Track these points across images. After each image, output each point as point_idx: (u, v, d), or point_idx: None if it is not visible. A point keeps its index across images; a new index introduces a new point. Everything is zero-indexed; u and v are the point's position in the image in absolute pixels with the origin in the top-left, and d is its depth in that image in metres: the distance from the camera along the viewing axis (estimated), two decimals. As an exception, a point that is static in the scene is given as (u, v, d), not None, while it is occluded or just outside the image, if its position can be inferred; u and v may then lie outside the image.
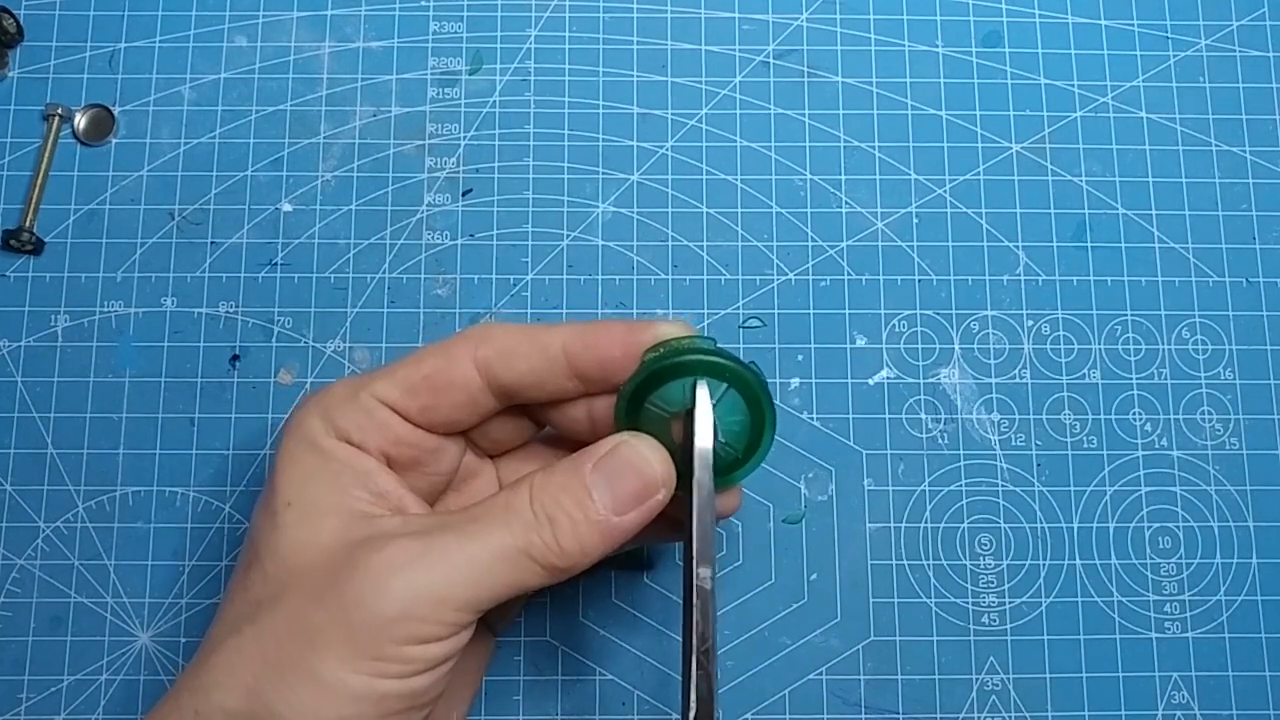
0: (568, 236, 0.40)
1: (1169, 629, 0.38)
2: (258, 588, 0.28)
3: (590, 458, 0.29)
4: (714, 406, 0.29)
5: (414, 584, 0.27)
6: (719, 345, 0.30)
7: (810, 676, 0.37)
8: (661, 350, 0.30)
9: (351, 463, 0.29)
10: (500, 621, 0.35)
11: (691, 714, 0.27)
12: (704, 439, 0.29)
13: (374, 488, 0.29)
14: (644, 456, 0.29)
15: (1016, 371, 0.39)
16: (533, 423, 0.33)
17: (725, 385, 0.30)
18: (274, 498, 0.29)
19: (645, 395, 0.30)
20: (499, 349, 0.30)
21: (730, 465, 0.30)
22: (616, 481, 0.29)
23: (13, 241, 0.39)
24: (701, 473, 0.29)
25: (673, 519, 0.31)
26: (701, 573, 0.28)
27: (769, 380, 0.39)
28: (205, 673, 0.27)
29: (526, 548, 0.28)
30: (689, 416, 0.29)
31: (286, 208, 0.40)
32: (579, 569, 0.28)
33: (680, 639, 0.28)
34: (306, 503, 0.29)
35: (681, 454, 0.30)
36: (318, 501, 0.29)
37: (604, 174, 0.41)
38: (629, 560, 0.38)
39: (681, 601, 0.29)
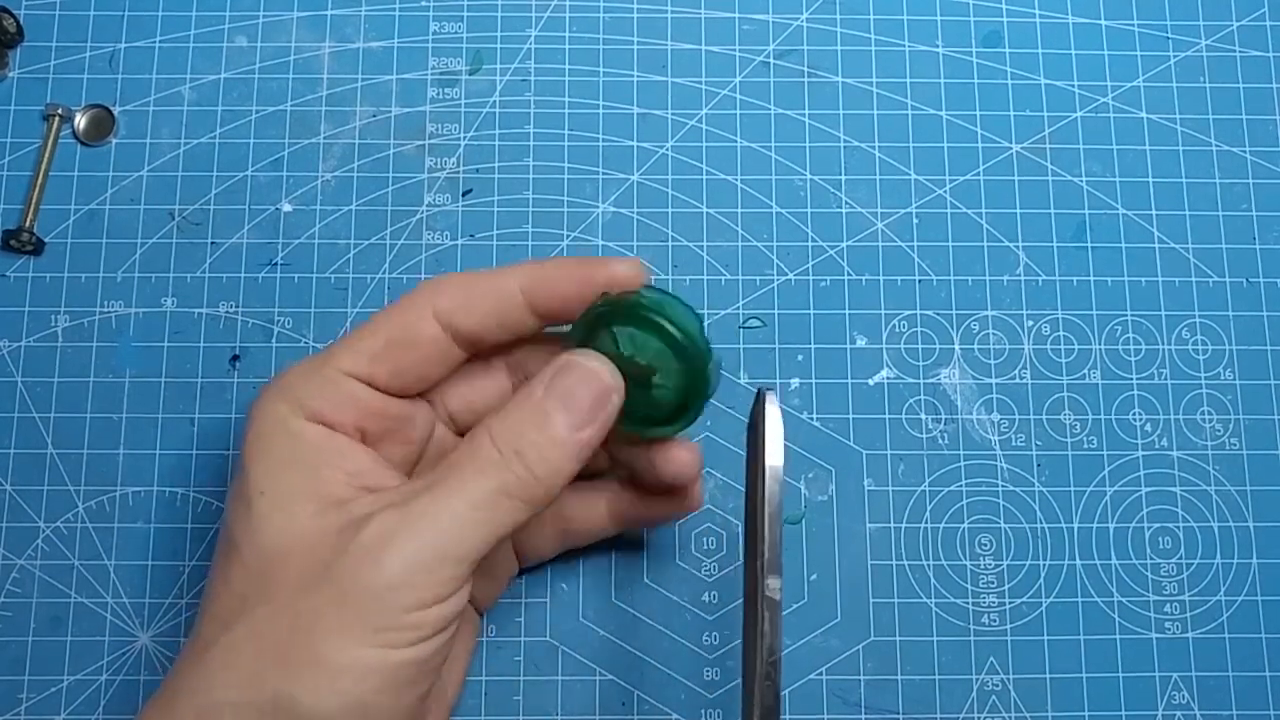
0: (568, 237, 0.40)
1: (1169, 629, 0.38)
2: (239, 581, 0.28)
3: (539, 383, 0.29)
4: (651, 359, 0.30)
5: (405, 551, 0.27)
6: (682, 302, 0.31)
7: (810, 676, 0.37)
8: (631, 296, 0.30)
9: (323, 444, 0.29)
10: (484, 602, 0.35)
11: None
12: (774, 445, 0.29)
13: (347, 467, 0.29)
14: (589, 367, 0.29)
15: (1016, 372, 0.39)
16: (508, 382, 0.33)
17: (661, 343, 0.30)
18: (246, 486, 0.29)
19: (603, 325, 0.30)
20: (456, 298, 0.30)
21: (669, 413, 0.31)
22: (569, 398, 0.29)
23: (13, 241, 0.39)
24: (771, 481, 0.28)
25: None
26: (770, 584, 0.28)
27: (770, 381, 0.39)
28: (201, 672, 0.27)
29: (502, 487, 0.28)
30: (755, 426, 0.29)
31: (286, 208, 0.40)
32: (555, 493, 0.29)
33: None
34: (280, 490, 0.29)
35: (632, 390, 0.30)
36: (291, 488, 0.29)
37: (604, 174, 0.41)
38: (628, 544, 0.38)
39: (743, 612, 0.29)
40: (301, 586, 0.27)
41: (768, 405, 0.29)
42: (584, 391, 0.29)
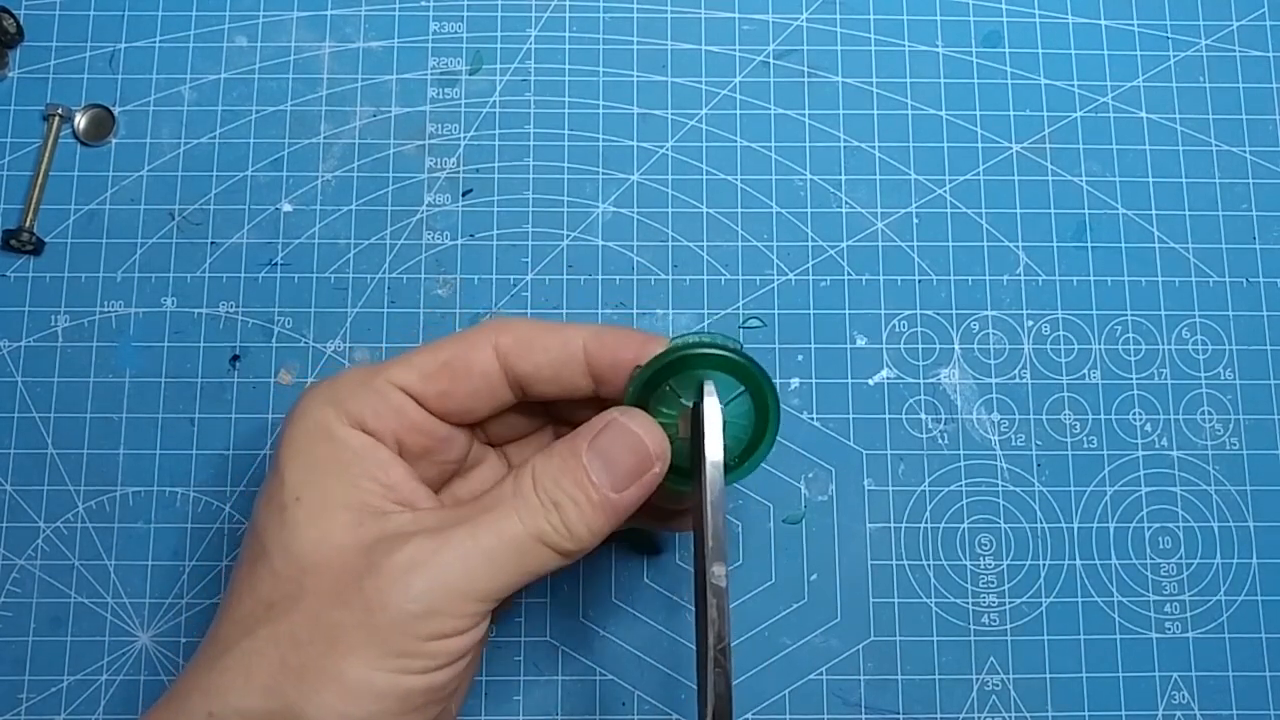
0: (568, 236, 0.40)
1: (1169, 629, 0.38)
2: (267, 587, 0.28)
3: (585, 436, 0.29)
4: (724, 406, 0.29)
5: (435, 581, 0.27)
6: (743, 348, 0.30)
7: (810, 677, 0.37)
8: (690, 339, 0.30)
9: (364, 453, 0.29)
10: (500, 610, 0.35)
11: (709, 712, 0.27)
12: (714, 436, 0.29)
13: (385, 479, 0.29)
14: (635, 432, 0.29)
15: (1016, 371, 0.39)
16: (546, 419, 0.33)
17: (741, 388, 0.30)
18: (281, 491, 0.29)
19: (661, 381, 0.30)
20: (519, 339, 0.30)
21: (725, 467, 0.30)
22: (611, 460, 0.29)
23: (13, 241, 0.39)
24: (712, 470, 0.29)
25: (667, 512, 0.32)
26: (716, 571, 0.28)
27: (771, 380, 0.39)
28: (218, 674, 0.27)
29: (539, 534, 0.28)
30: (696, 415, 0.29)
31: (286, 208, 0.40)
32: (588, 549, 0.29)
33: (693, 634, 0.28)
34: (316, 497, 0.28)
35: (688, 449, 0.30)
36: (328, 495, 0.28)
37: (604, 174, 0.41)
38: (639, 541, 0.38)
39: (694, 600, 0.29)
40: (330, 599, 0.27)
41: (706, 398, 0.29)
42: (625, 455, 0.29)
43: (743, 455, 0.31)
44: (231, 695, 0.27)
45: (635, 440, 0.29)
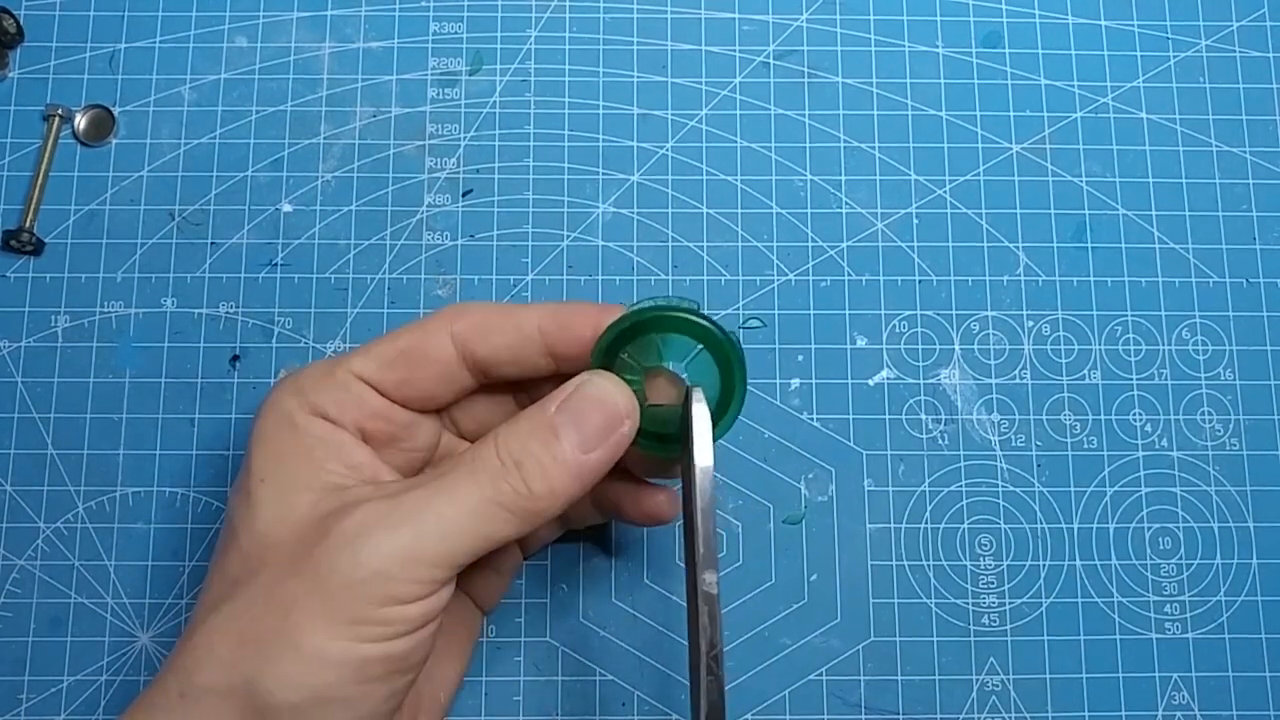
0: (568, 237, 0.40)
1: (1169, 629, 0.38)
2: (235, 567, 0.28)
3: (554, 400, 0.29)
4: (685, 366, 0.30)
5: (383, 544, 0.27)
6: (700, 309, 0.30)
7: (810, 677, 0.37)
8: (646, 304, 0.30)
9: (325, 437, 0.30)
10: (487, 600, 0.35)
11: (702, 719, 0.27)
12: (703, 443, 0.29)
13: (348, 460, 0.30)
14: (606, 390, 0.29)
15: (1016, 372, 0.39)
16: (515, 404, 0.33)
17: (699, 347, 0.30)
18: (248, 477, 0.29)
19: (622, 345, 0.30)
20: (475, 324, 0.31)
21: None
22: (581, 419, 0.29)
23: (13, 242, 0.39)
24: (702, 477, 0.29)
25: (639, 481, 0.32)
26: (707, 578, 0.28)
27: (771, 380, 0.39)
28: (187, 653, 0.27)
29: (495, 496, 0.28)
30: (685, 422, 0.29)
31: (286, 208, 0.40)
32: (550, 513, 0.28)
33: (687, 643, 0.28)
34: (281, 479, 0.29)
35: (655, 414, 0.30)
36: (292, 477, 0.29)
37: (604, 174, 0.41)
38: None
39: (686, 605, 0.29)
40: (285, 571, 0.27)
41: (694, 405, 0.29)
42: (596, 413, 0.29)
43: (715, 416, 0.30)
44: (197, 672, 0.27)
45: (604, 396, 0.29)
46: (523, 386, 0.33)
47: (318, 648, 0.26)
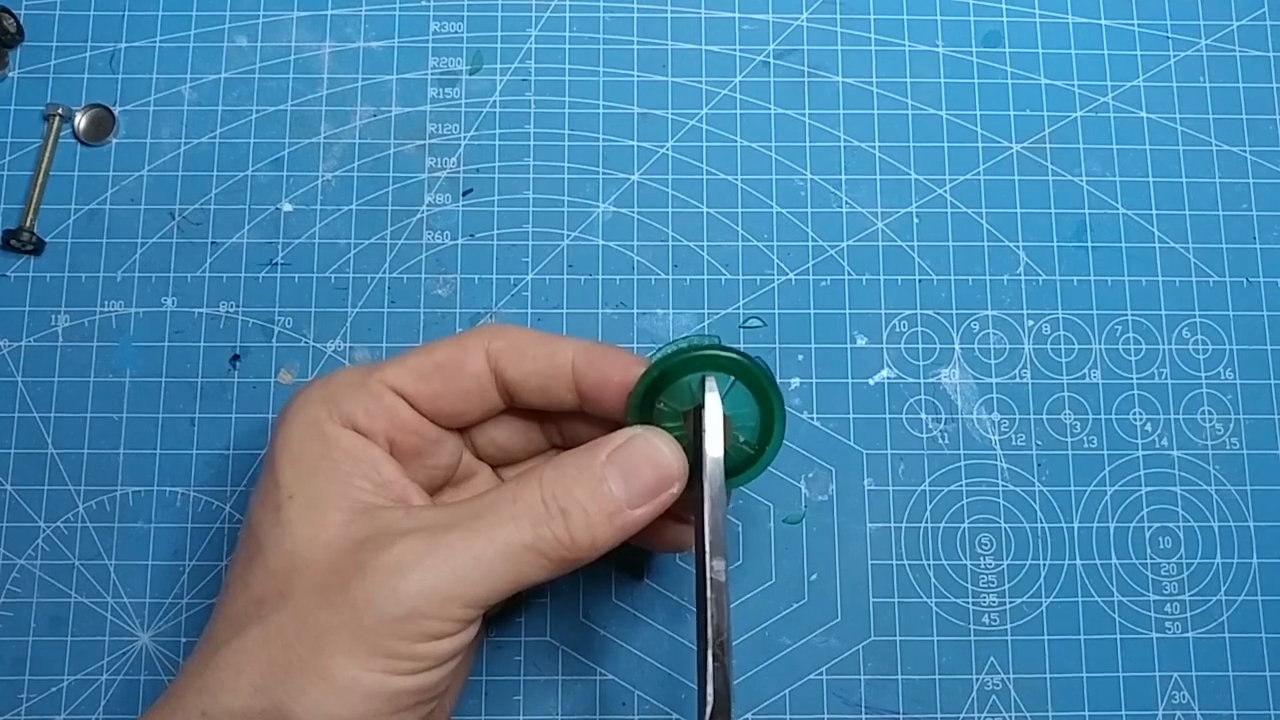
0: (568, 236, 0.40)
1: (1169, 629, 0.38)
2: (260, 584, 0.28)
3: (604, 448, 0.29)
4: (723, 399, 0.29)
5: (422, 584, 0.27)
6: (724, 342, 0.30)
7: (810, 676, 0.37)
8: (669, 349, 0.30)
9: (356, 451, 0.29)
10: (493, 609, 0.35)
11: (709, 708, 0.27)
12: (714, 432, 0.29)
13: (377, 477, 0.29)
14: (659, 449, 0.29)
15: (1017, 371, 0.39)
16: (538, 434, 0.33)
17: (731, 379, 0.30)
18: (275, 490, 0.29)
19: (656, 395, 0.30)
20: (511, 345, 0.31)
21: (744, 461, 0.31)
22: (632, 473, 0.28)
23: (13, 241, 0.39)
24: (712, 466, 0.29)
25: (676, 518, 0.31)
26: (715, 565, 0.28)
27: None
28: (210, 673, 0.27)
29: (535, 543, 0.28)
30: (698, 413, 0.29)
31: (287, 208, 0.40)
32: (585, 562, 0.28)
33: (694, 634, 0.28)
34: (310, 495, 0.28)
35: (692, 452, 0.30)
36: (321, 493, 0.28)
37: (604, 174, 0.41)
38: (627, 565, 0.38)
39: (695, 596, 0.29)
40: (318, 598, 0.27)
41: (707, 393, 0.29)
42: (648, 471, 0.29)
43: (759, 446, 0.30)
44: (222, 694, 0.27)
45: (657, 456, 0.29)
46: (544, 417, 0.33)
47: (351, 679, 0.26)
